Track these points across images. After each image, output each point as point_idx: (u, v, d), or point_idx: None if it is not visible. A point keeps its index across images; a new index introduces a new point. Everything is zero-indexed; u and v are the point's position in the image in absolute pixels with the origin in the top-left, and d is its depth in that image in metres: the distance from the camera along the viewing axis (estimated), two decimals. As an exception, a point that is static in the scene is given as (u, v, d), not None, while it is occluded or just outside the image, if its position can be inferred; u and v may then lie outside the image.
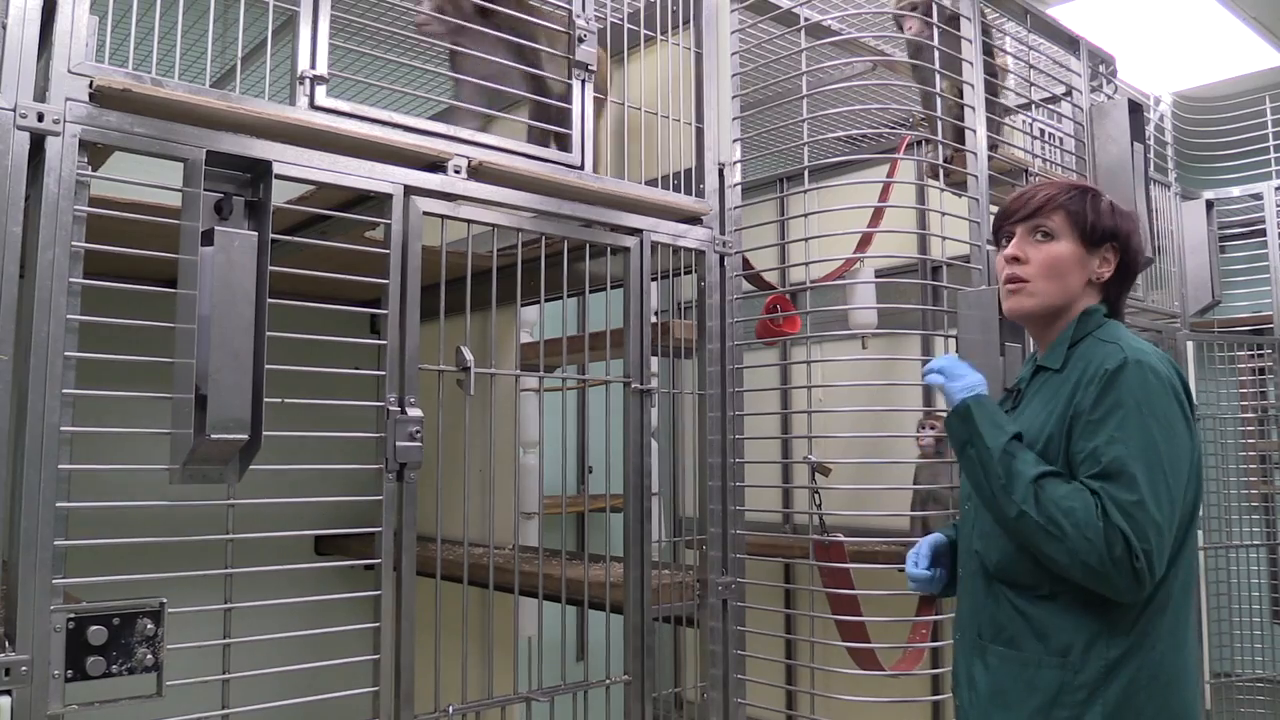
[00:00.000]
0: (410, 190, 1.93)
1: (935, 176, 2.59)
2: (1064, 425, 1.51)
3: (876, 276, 3.26)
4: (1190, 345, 4.27)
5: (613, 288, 2.45)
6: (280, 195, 1.86)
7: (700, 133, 2.50)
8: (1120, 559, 1.39)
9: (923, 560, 1.75)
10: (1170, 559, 1.45)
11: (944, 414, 1.66)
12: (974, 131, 2.54)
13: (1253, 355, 4.44)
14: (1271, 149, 4.46)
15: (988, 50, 2.64)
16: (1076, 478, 1.47)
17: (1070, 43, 3.10)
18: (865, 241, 3.04)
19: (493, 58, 2.18)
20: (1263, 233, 4.45)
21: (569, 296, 2.22)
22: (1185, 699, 1.48)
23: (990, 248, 2.43)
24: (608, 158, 2.48)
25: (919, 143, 2.79)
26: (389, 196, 1.90)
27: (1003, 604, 1.55)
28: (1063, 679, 1.46)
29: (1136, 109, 2.99)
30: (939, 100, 2.48)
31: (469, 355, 2.00)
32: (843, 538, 2.64)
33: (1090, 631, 1.45)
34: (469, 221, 2.06)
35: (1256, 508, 4.44)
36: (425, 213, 1.96)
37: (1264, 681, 4.30)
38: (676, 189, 2.44)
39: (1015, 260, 1.61)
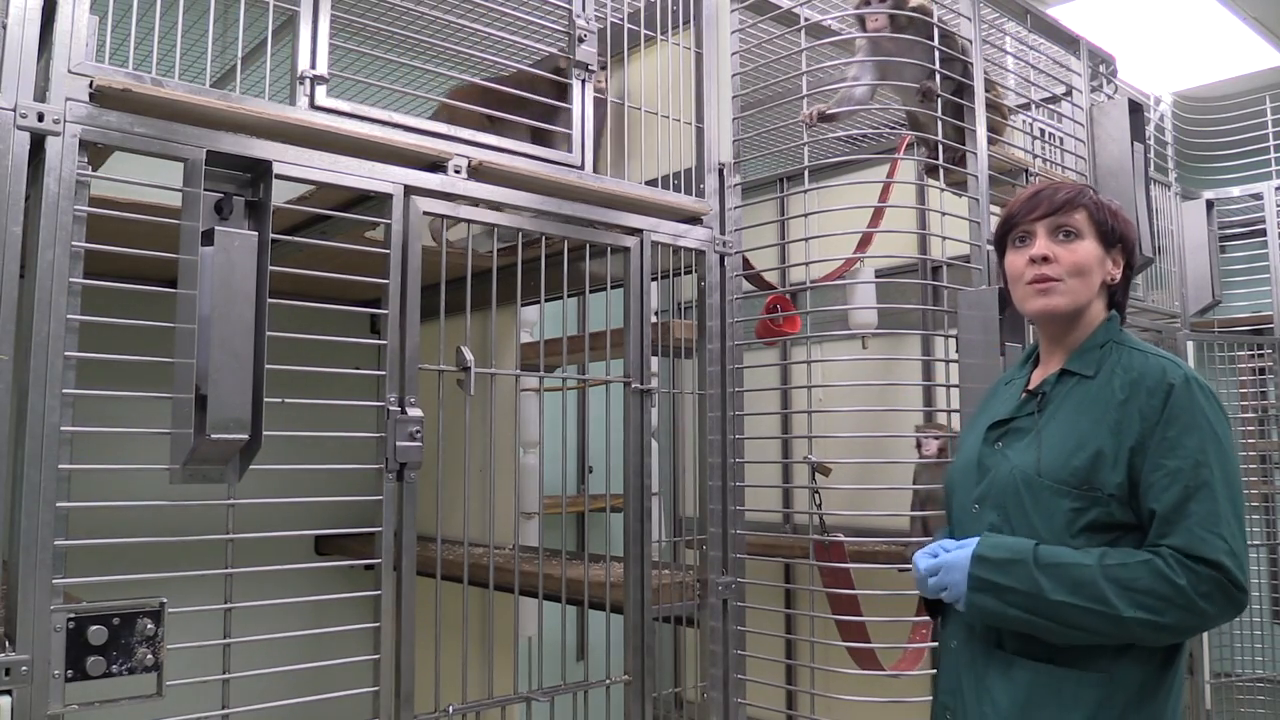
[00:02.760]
0: (410, 190, 1.93)
1: (934, 175, 2.59)
2: (1123, 440, 1.46)
3: (876, 276, 3.25)
4: (1190, 345, 4.27)
5: (613, 288, 2.45)
6: (280, 195, 1.86)
7: (700, 132, 2.50)
8: (1221, 605, 1.40)
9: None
10: None
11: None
12: (974, 131, 2.54)
13: (1253, 355, 4.44)
14: (1271, 149, 4.46)
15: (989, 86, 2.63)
16: (1148, 494, 1.44)
17: (1070, 43, 3.10)
18: (865, 241, 3.04)
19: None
20: (1263, 233, 4.45)
21: (569, 296, 2.22)
22: (1179, 707, 1.50)
23: (990, 248, 2.43)
24: (608, 157, 2.48)
25: (916, 142, 2.78)
26: (389, 196, 1.90)
27: None
28: (1103, 695, 1.43)
29: (1136, 109, 2.99)
30: (939, 101, 2.48)
31: (469, 355, 2.00)
32: (843, 538, 2.64)
33: (1135, 649, 1.44)
34: (469, 221, 2.06)
35: (1257, 508, 4.43)
36: (425, 213, 1.96)
37: (1264, 681, 4.30)
38: (676, 189, 2.44)
39: (1044, 260, 1.56)
